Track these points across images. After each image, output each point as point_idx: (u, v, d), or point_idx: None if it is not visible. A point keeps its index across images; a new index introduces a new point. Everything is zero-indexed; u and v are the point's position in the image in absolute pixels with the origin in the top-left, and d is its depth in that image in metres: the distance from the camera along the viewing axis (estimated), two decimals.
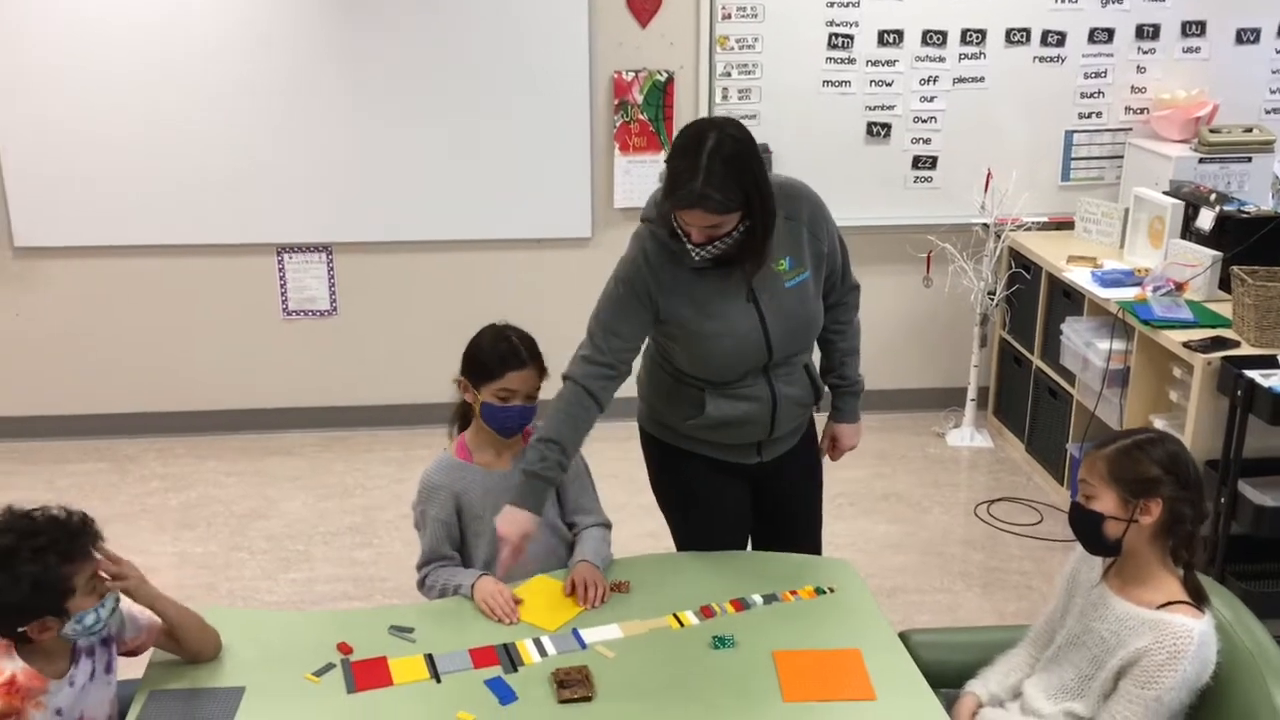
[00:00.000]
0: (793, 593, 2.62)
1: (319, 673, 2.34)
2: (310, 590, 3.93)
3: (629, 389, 5.38)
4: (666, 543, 4.17)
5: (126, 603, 2.24)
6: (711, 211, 2.38)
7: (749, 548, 2.93)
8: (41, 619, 2.09)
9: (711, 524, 2.84)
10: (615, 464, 4.66)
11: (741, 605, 2.56)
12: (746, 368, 2.63)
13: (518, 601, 2.55)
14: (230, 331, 4.98)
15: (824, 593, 2.62)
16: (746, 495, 2.85)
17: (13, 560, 2.06)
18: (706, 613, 2.54)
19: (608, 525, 2.81)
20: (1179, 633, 2.14)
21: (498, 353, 2.64)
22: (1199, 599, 2.21)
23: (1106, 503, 2.22)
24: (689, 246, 2.47)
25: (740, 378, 2.64)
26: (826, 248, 2.64)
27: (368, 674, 2.33)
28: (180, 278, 4.89)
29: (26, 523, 2.11)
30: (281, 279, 4.93)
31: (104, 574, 2.18)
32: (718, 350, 2.59)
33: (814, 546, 2.98)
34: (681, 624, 2.51)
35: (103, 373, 4.97)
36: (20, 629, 2.09)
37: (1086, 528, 2.26)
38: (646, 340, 2.69)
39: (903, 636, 2.53)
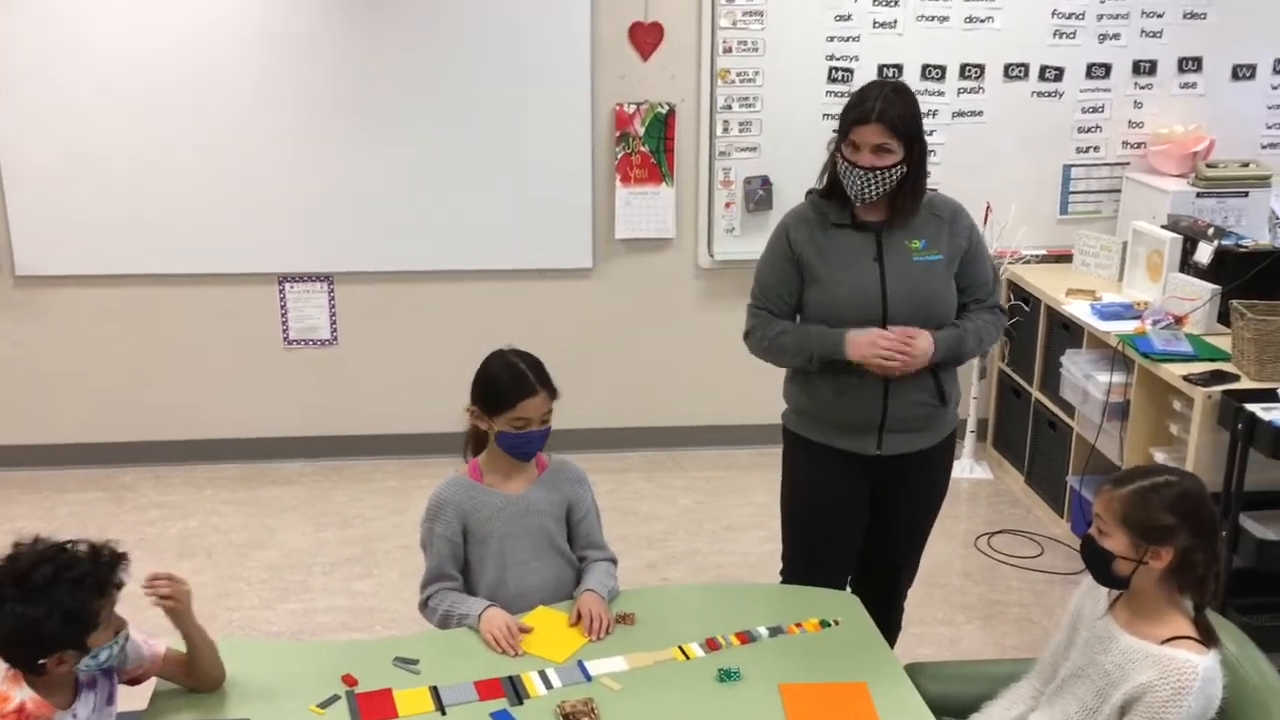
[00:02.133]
0: (798, 625, 2.61)
1: (324, 704, 2.32)
2: (309, 621, 3.91)
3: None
4: (665, 573, 4.20)
5: (131, 631, 2.23)
6: (887, 127, 2.69)
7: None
8: (63, 651, 2.08)
9: (822, 509, 2.97)
10: (612, 497, 4.71)
11: (747, 638, 2.56)
12: (862, 324, 2.78)
13: (525, 631, 2.55)
14: (231, 360, 4.98)
15: (829, 625, 2.62)
16: (864, 491, 2.95)
17: (51, 591, 2.06)
18: (712, 645, 2.53)
19: (614, 560, 2.80)
20: (1183, 668, 2.14)
21: (509, 382, 2.64)
22: (1207, 637, 2.20)
23: (1117, 543, 2.22)
24: (852, 173, 2.72)
25: None
26: (965, 244, 2.88)
27: (373, 706, 2.32)
28: (181, 307, 4.90)
29: (64, 555, 2.12)
30: (283, 308, 4.94)
31: (160, 591, 2.22)
32: (836, 297, 2.81)
33: (912, 561, 3.14)
34: (687, 656, 2.50)
35: (102, 401, 4.96)
36: (41, 660, 2.08)
37: (1097, 562, 2.27)
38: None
39: (910, 669, 2.53)
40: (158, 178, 4.70)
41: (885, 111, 2.70)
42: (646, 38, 4.78)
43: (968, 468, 5.03)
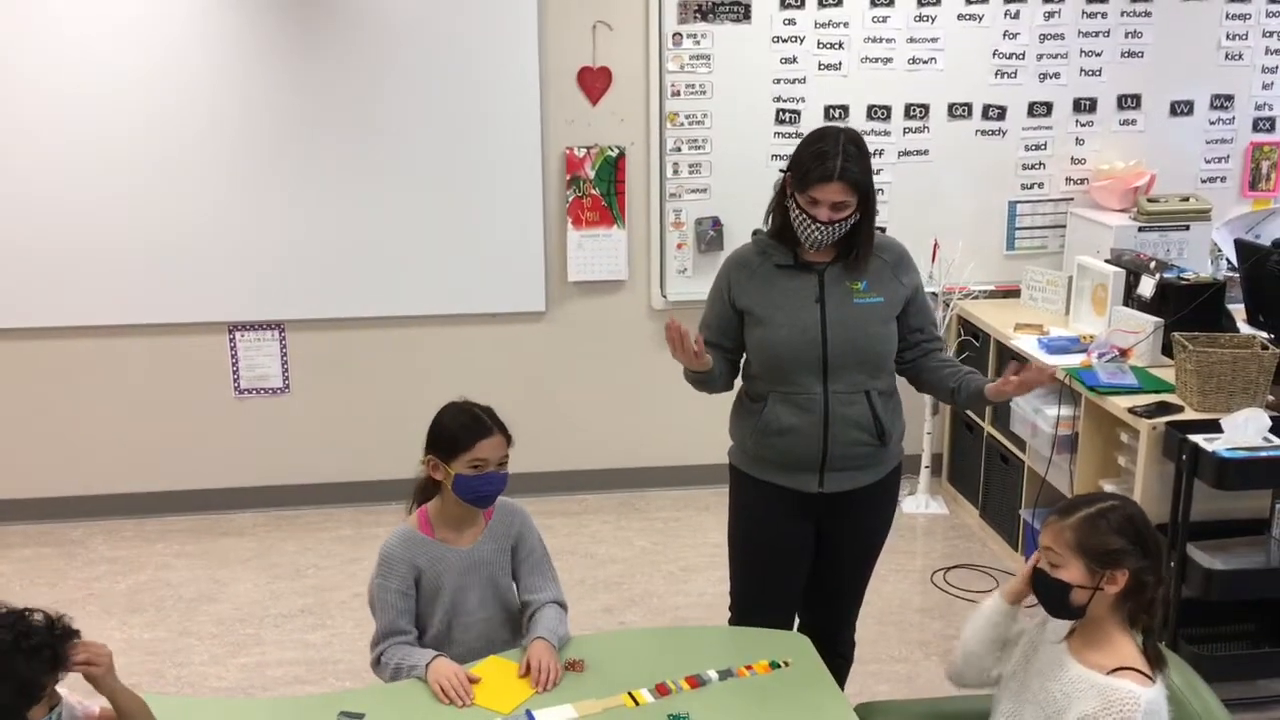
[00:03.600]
0: (748, 668, 2.60)
1: None
2: (261, 675, 3.85)
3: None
4: (622, 616, 4.17)
5: (64, 694, 2.19)
6: (849, 185, 2.70)
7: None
8: None
9: (767, 545, 2.97)
10: (568, 540, 4.69)
11: (697, 682, 2.55)
12: (802, 364, 2.80)
13: (473, 681, 2.52)
14: (181, 411, 4.92)
15: (779, 667, 2.61)
16: (808, 528, 2.97)
17: (8, 659, 2.02)
18: (662, 690, 2.52)
19: (563, 605, 2.78)
20: (1126, 700, 2.15)
21: (464, 425, 2.65)
22: (1154, 665, 2.22)
23: (1073, 572, 2.24)
24: (810, 226, 2.73)
25: (797, 375, 2.81)
26: (907, 291, 2.90)
27: None
28: (131, 358, 4.85)
29: (23, 623, 2.08)
30: (234, 357, 4.90)
31: (75, 659, 2.15)
32: (776, 338, 2.82)
33: (858, 594, 3.15)
34: (637, 703, 2.48)
35: (49, 455, 4.89)
36: None
37: (1052, 594, 2.28)
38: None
39: (864, 708, 2.52)
40: (105, 227, 4.66)
41: (847, 170, 2.70)
42: (595, 82, 4.82)
43: (923, 503, 5.05)
